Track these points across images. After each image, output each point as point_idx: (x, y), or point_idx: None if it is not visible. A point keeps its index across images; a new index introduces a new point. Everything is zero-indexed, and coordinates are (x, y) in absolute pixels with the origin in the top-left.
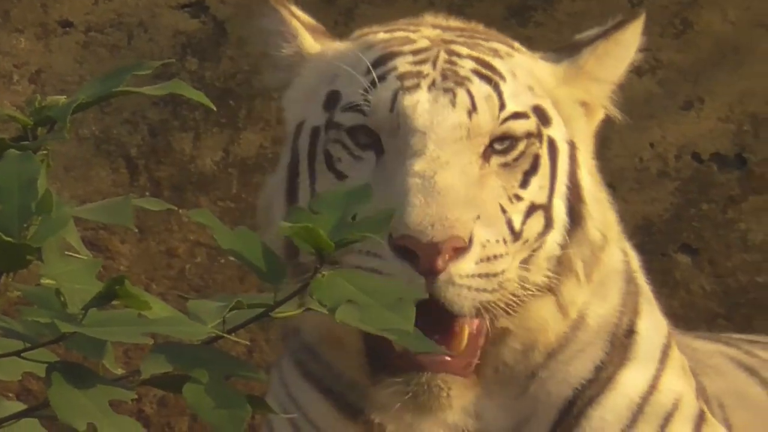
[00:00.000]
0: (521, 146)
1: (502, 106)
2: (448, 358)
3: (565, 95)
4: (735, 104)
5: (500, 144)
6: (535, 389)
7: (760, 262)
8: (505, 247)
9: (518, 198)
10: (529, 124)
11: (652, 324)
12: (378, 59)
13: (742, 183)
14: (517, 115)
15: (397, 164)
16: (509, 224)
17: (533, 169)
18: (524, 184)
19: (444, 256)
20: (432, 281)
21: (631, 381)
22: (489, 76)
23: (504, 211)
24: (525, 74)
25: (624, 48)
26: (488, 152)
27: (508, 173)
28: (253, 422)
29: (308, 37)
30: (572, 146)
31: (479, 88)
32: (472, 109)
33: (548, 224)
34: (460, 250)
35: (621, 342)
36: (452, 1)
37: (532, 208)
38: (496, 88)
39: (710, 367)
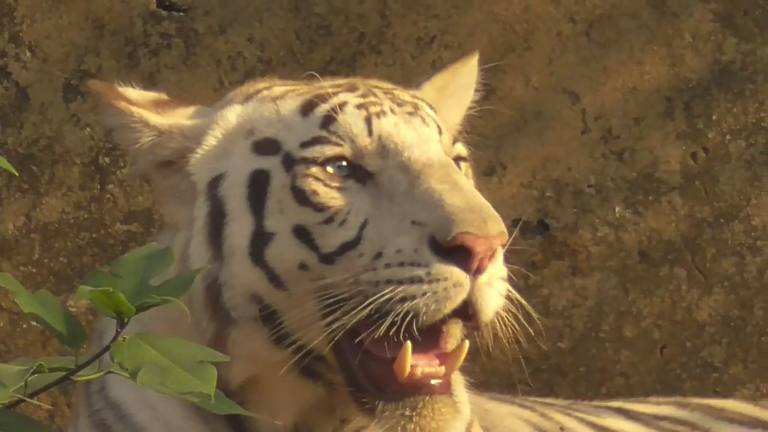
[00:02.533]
0: (464, 167)
1: (447, 130)
2: (441, 380)
3: None
4: (538, 170)
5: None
6: None
7: (561, 327)
8: None
9: None
10: (463, 147)
11: (462, 398)
12: (314, 98)
13: (545, 248)
14: (456, 139)
15: (406, 180)
16: None
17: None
18: None
19: (493, 252)
20: (474, 282)
21: None
22: (429, 103)
23: None
24: (432, 103)
25: (460, 82)
26: None
27: None
28: None
29: (154, 116)
30: None
31: (431, 113)
32: (439, 130)
33: None
34: (496, 250)
35: None
36: (254, 66)
37: None
38: (437, 114)
39: (505, 428)
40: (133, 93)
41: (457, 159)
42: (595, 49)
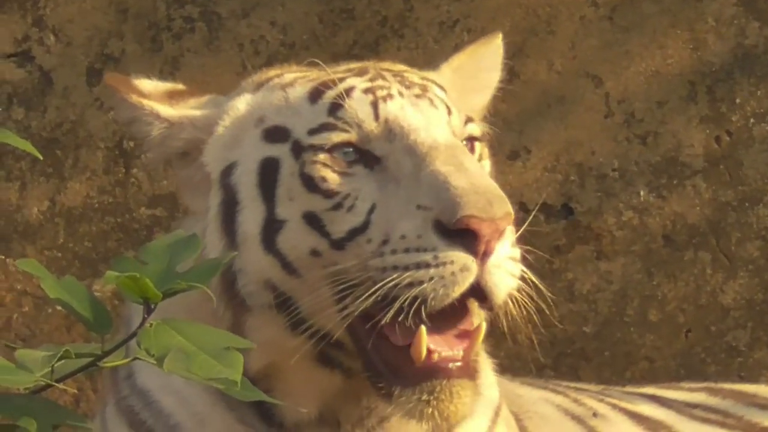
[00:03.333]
0: (479, 147)
1: (459, 111)
2: (459, 363)
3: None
4: (561, 154)
5: (467, 145)
6: None
7: (586, 311)
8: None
9: None
10: (477, 127)
11: (490, 381)
12: (321, 85)
13: (569, 233)
14: (469, 119)
15: (412, 163)
16: None
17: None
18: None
19: (500, 234)
20: (483, 265)
21: None
22: (440, 84)
23: None
24: (446, 84)
25: (481, 63)
26: None
27: None
28: None
29: (164, 108)
30: None
31: (441, 94)
32: (448, 111)
33: None
34: (504, 231)
35: None
36: (277, 50)
37: None
38: (448, 95)
39: (536, 413)
40: (147, 85)
41: (470, 139)
42: (618, 33)
